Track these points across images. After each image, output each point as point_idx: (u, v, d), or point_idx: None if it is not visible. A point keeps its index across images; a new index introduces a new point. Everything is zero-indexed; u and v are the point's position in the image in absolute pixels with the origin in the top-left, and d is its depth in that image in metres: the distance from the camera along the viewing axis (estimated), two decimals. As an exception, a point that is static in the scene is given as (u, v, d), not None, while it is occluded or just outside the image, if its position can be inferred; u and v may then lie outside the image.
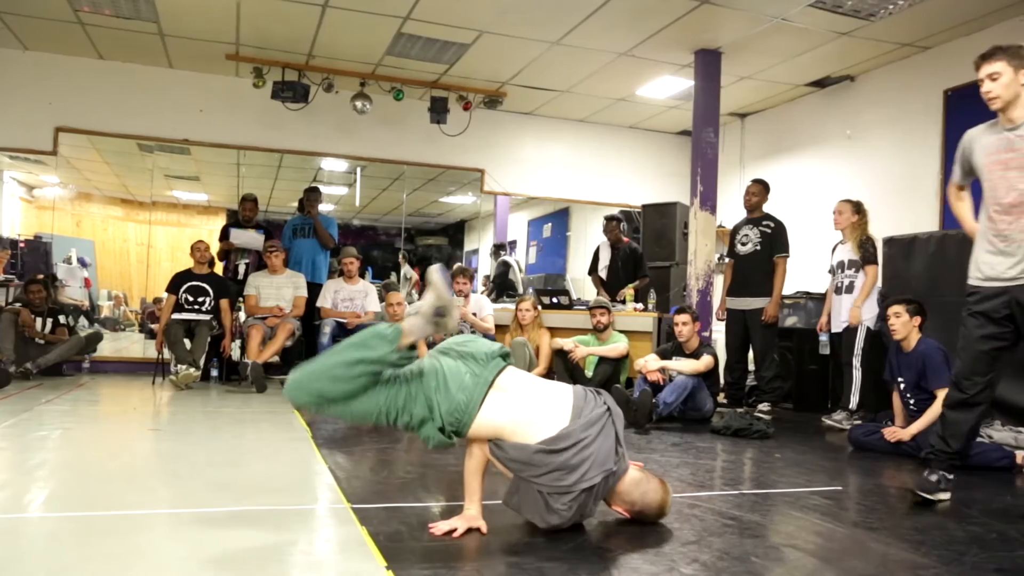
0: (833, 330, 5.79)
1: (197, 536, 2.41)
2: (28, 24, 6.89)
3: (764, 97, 8.30)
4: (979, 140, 3.34)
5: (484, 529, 2.48)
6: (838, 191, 5.82)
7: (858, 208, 5.72)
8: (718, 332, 6.91)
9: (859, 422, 5.17)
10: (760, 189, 6.35)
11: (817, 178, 7.81)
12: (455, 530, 2.44)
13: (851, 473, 3.98)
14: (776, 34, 6.50)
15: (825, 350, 5.98)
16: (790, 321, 6.72)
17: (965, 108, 6.32)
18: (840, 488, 3.50)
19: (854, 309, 5.47)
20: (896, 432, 4.41)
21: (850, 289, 5.62)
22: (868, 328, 5.48)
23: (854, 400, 5.43)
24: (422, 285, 10.44)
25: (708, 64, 7.01)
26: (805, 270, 7.04)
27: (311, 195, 7.69)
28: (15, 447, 3.73)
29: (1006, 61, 3.11)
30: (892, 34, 6.40)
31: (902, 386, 4.58)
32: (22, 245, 9.60)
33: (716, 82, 7.06)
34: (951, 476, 3.26)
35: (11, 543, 2.29)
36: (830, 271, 5.93)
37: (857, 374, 5.43)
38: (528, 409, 2.52)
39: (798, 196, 7.80)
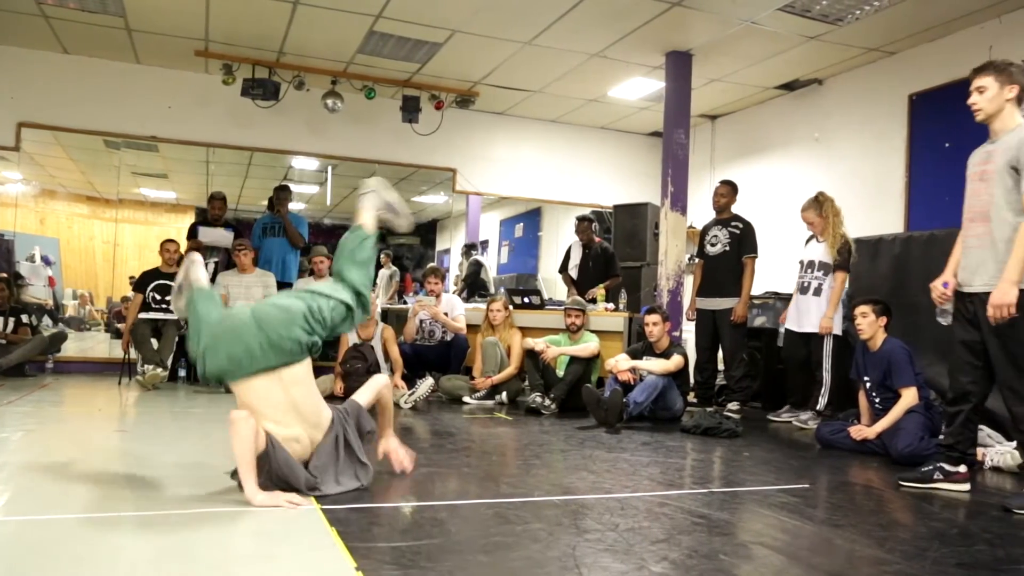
0: (791, 327, 5.72)
1: (164, 538, 2.38)
2: (-10, 17, 6.75)
3: (734, 99, 8.38)
4: (973, 155, 3.54)
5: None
6: (806, 192, 5.85)
7: (821, 206, 5.64)
8: (688, 332, 6.96)
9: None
10: (728, 190, 6.40)
11: (786, 180, 7.90)
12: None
13: (818, 471, 4.04)
14: (746, 37, 6.56)
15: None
16: (759, 321, 6.79)
17: (929, 112, 6.45)
18: (807, 486, 3.55)
19: (825, 320, 5.42)
20: (862, 430, 4.48)
21: (818, 292, 5.57)
22: (835, 334, 5.51)
23: (822, 402, 5.48)
24: (401, 285, 10.41)
25: (679, 66, 7.06)
26: (774, 270, 7.13)
27: (281, 194, 7.63)
28: (-24, 449, 3.66)
29: (994, 76, 3.30)
30: (859, 39, 6.50)
31: (868, 385, 4.65)
32: (-16, 242, 9.40)
33: (687, 84, 7.12)
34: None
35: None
36: (800, 263, 5.85)
37: (827, 376, 5.48)
38: None
39: (767, 197, 7.89)
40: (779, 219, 7.40)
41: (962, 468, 3.49)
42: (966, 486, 3.49)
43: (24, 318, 6.91)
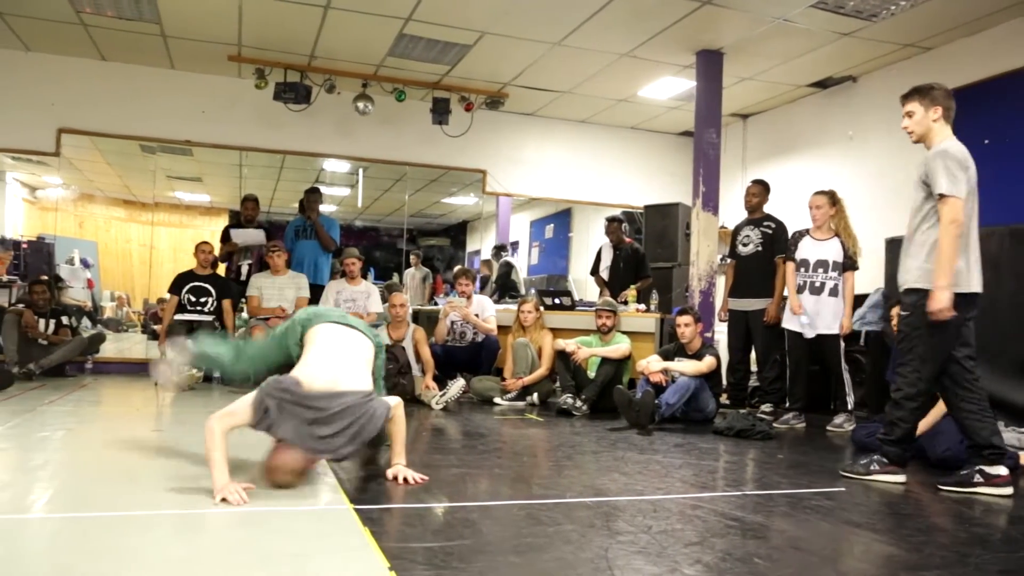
0: (795, 328, 5.54)
1: (199, 537, 2.41)
2: (31, 25, 6.90)
3: (766, 98, 8.30)
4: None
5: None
6: (840, 192, 5.77)
7: (834, 199, 5.56)
8: (720, 333, 6.90)
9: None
10: (760, 190, 6.33)
11: (819, 179, 7.76)
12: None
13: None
14: (778, 35, 6.50)
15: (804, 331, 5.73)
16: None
17: (967, 108, 6.29)
18: (843, 489, 3.50)
19: (847, 320, 5.39)
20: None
21: (834, 292, 5.44)
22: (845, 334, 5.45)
23: (851, 401, 5.42)
24: (432, 287, 10.45)
25: (710, 65, 7.01)
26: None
27: (311, 196, 7.69)
28: (18, 447, 3.73)
29: (918, 101, 3.65)
30: (894, 35, 6.40)
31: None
32: (25, 246, 9.61)
33: (718, 83, 7.07)
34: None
35: (13, 544, 2.29)
36: (794, 260, 5.64)
37: (847, 376, 5.42)
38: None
39: (800, 197, 7.76)
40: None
41: (1003, 471, 3.43)
42: (1008, 489, 3.42)
43: (64, 320, 7.04)
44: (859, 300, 5.91)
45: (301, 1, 6.22)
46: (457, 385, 5.82)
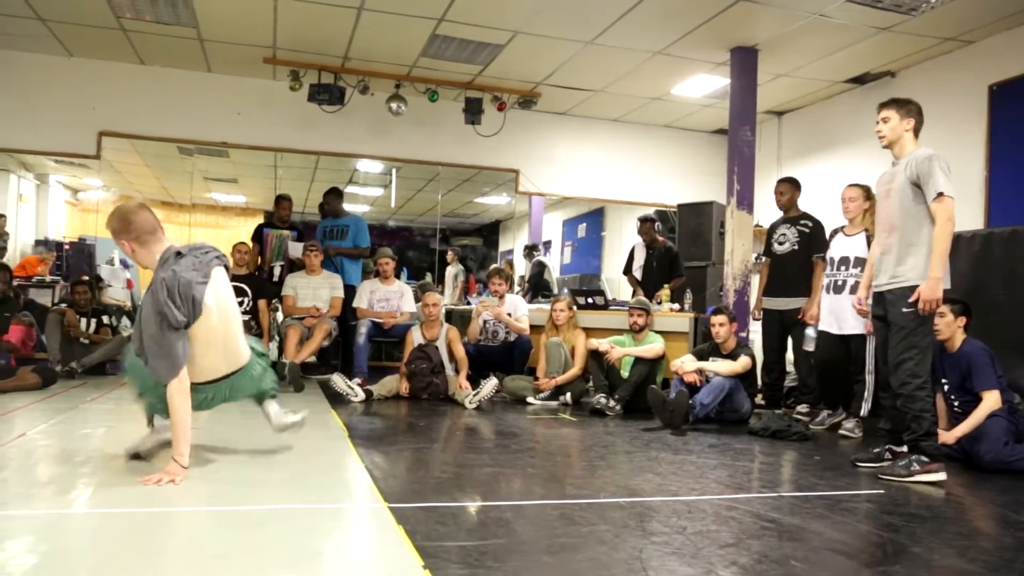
0: (827, 329, 5.36)
1: (234, 533, 2.44)
2: (73, 31, 7.05)
3: (802, 95, 8.19)
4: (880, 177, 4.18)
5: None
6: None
7: (869, 194, 5.32)
8: (755, 332, 6.83)
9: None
10: (788, 187, 6.23)
11: (856, 176, 7.60)
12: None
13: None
14: (814, 31, 6.41)
15: (809, 346, 5.64)
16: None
17: (1011, 103, 6.19)
18: (882, 491, 3.44)
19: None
20: (940, 435, 4.31)
21: (855, 290, 5.11)
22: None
23: (865, 407, 5.20)
24: (465, 286, 10.48)
25: (744, 62, 6.94)
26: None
27: (331, 196, 7.67)
28: (61, 444, 3.81)
29: (895, 110, 3.99)
30: (934, 28, 6.28)
31: (946, 388, 4.48)
32: (67, 247, 9.83)
33: (752, 80, 6.99)
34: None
35: (56, 538, 2.33)
36: (826, 259, 5.50)
37: (870, 379, 5.24)
38: None
39: (837, 194, 7.66)
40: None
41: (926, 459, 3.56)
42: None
43: (105, 319, 7.17)
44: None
45: (335, 3, 6.27)
46: (490, 384, 5.83)
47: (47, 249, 9.91)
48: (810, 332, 5.65)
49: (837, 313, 5.29)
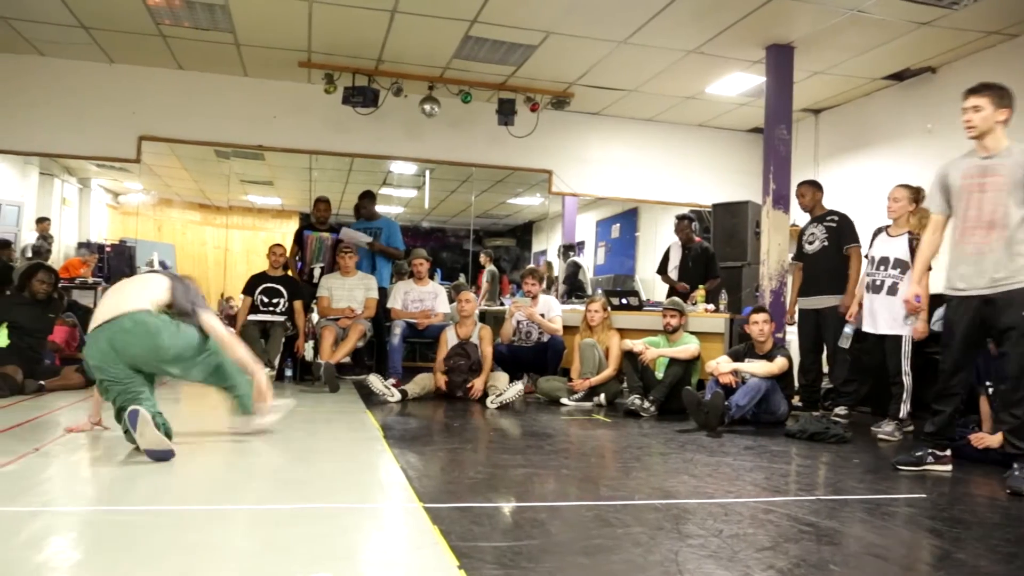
0: (867, 328, 5.31)
1: (269, 532, 2.46)
2: (114, 38, 7.19)
3: (839, 92, 8.07)
4: (955, 168, 3.85)
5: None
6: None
7: (916, 196, 5.26)
8: (791, 334, 6.74)
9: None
10: (809, 189, 6.16)
11: (896, 174, 7.51)
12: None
13: (936, 480, 3.83)
14: (851, 26, 6.31)
15: (846, 343, 5.57)
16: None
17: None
18: (924, 496, 3.37)
19: (922, 324, 4.70)
20: (984, 438, 4.22)
21: (893, 291, 5.14)
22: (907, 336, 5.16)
23: (904, 410, 5.09)
24: (498, 287, 10.50)
25: (780, 59, 6.86)
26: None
27: (366, 199, 7.74)
28: (104, 443, 3.88)
29: (989, 98, 3.60)
30: (977, 22, 6.15)
31: (990, 391, 4.38)
32: (108, 249, 10.01)
33: (788, 78, 6.91)
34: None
35: (98, 535, 2.38)
36: (862, 251, 5.54)
37: (908, 380, 5.13)
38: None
39: (876, 193, 7.53)
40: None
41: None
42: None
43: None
44: (936, 301, 5.66)
45: (369, 7, 6.32)
46: (515, 389, 5.83)
47: (89, 251, 10.09)
48: (847, 330, 5.55)
49: (874, 313, 5.23)
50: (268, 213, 13.46)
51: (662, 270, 7.71)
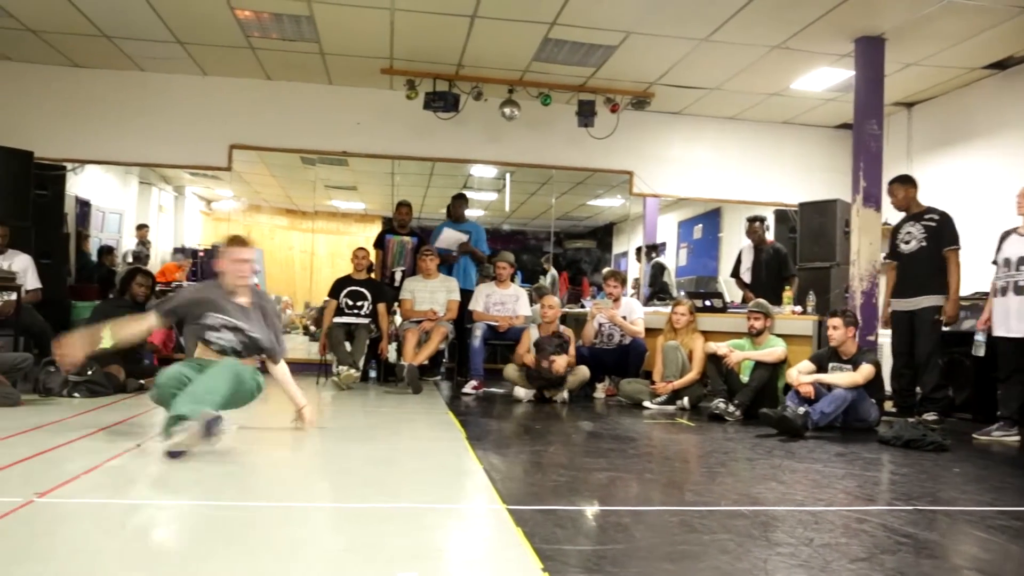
0: (998, 333, 5.10)
1: (355, 530, 2.51)
2: (207, 52, 7.49)
3: (934, 84, 7.73)
4: None
5: None
6: (1021, 183, 5.26)
7: None
8: (884, 336, 6.48)
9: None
10: (900, 187, 5.93)
11: (996, 169, 7.18)
12: None
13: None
14: (947, 14, 6.04)
15: (980, 351, 5.35)
16: (967, 324, 6.19)
17: None
18: (1032, 508, 3.20)
19: None
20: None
21: None
22: None
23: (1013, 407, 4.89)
24: (578, 290, 10.47)
25: (870, 52, 6.61)
26: (981, 270, 6.48)
27: (458, 201, 7.87)
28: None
29: None
30: (1087, 6, 5.79)
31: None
32: (201, 254, 10.43)
33: (879, 71, 6.65)
34: None
35: (189, 530, 2.47)
36: (994, 263, 5.26)
37: None
38: None
39: (974, 190, 7.21)
40: (989, 214, 6.72)
41: None
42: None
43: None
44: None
45: (449, 12, 6.39)
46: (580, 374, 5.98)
47: (184, 256, 10.54)
48: (979, 337, 5.34)
49: (1016, 314, 4.98)
50: (352, 217, 13.76)
51: (735, 273, 7.55)
